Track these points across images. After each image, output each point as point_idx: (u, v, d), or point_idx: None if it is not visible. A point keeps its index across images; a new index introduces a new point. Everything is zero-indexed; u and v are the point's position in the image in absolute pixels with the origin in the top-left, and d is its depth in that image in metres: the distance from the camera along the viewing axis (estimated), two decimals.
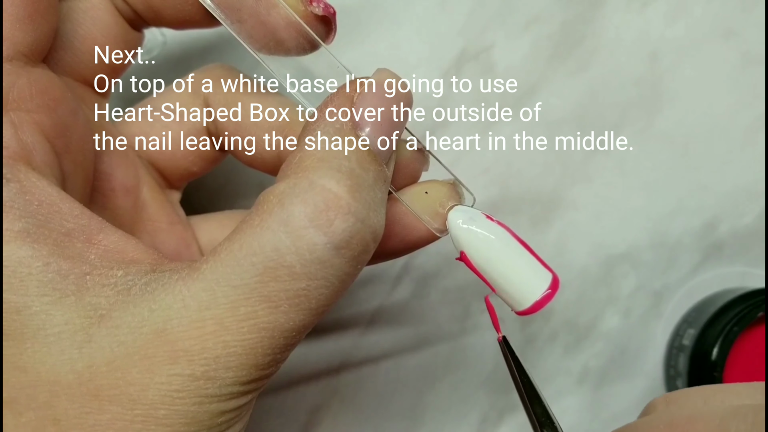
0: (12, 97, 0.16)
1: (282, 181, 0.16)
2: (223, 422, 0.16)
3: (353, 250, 0.15)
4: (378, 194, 0.16)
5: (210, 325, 0.15)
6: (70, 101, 0.18)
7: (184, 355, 0.15)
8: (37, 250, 0.15)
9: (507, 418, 0.29)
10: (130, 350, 0.15)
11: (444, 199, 0.19)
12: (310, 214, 0.15)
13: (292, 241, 0.15)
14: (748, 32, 0.29)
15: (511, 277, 0.19)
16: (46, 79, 0.17)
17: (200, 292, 0.15)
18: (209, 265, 0.15)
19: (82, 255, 0.16)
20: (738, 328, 0.25)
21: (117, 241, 0.16)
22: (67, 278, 0.15)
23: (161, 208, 0.22)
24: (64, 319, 0.15)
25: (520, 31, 0.29)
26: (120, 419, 0.14)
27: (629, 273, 0.29)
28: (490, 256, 0.19)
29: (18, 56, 0.16)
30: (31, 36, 0.16)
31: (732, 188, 0.29)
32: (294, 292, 0.15)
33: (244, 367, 0.15)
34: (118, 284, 0.15)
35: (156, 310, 0.15)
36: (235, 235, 0.15)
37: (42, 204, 0.16)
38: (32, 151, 0.16)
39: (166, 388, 0.14)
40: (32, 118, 0.16)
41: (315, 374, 0.29)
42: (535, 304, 0.19)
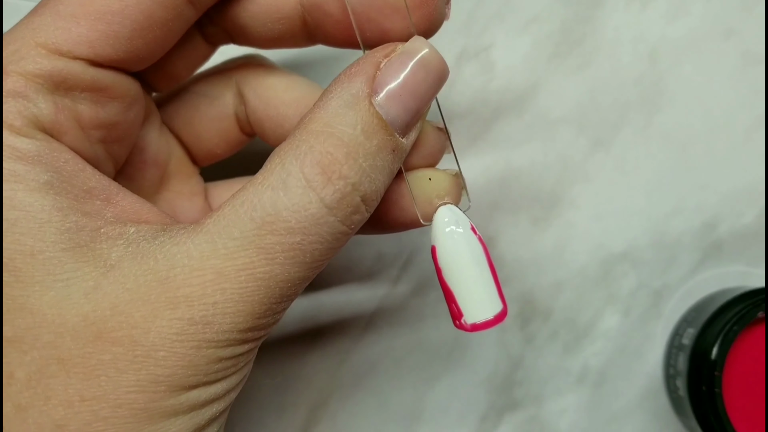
0: (64, 86, 0.17)
1: (288, 141, 0.17)
2: (220, 369, 0.16)
3: (344, 211, 0.16)
4: (379, 162, 0.17)
5: (210, 274, 0.15)
6: (127, 101, 0.19)
7: (184, 301, 0.15)
8: (59, 201, 0.16)
9: (506, 418, 0.29)
10: (134, 296, 0.15)
11: (443, 191, 0.19)
12: (307, 175, 0.16)
13: (289, 198, 0.16)
14: (749, 32, 0.29)
15: (465, 292, 0.19)
16: (109, 80, 0.18)
17: (202, 243, 0.16)
18: (213, 219, 0.16)
19: (100, 212, 0.17)
20: (738, 327, 0.25)
21: (134, 203, 0.17)
22: (82, 230, 0.16)
23: (185, 181, 0.23)
24: (75, 267, 0.15)
25: (520, 31, 0.29)
26: (121, 359, 0.15)
27: (629, 272, 0.29)
28: (457, 264, 0.19)
29: (84, 57, 0.17)
30: (109, 47, 0.17)
31: (732, 188, 0.29)
32: (289, 245, 0.16)
33: (240, 314, 0.16)
34: (130, 239, 0.16)
35: (161, 260, 0.16)
36: (239, 193, 0.16)
37: (68, 162, 0.17)
38: (65, 132, 0.17)
39: (167, 331, 0.15)
40: (75, 106, 0.17)
41: (314, 373, 0.29)
42: (473, 326, 0.19)
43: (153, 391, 0.15)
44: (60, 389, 0.15)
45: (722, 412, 0.24)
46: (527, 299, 0.29)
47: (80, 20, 0.17)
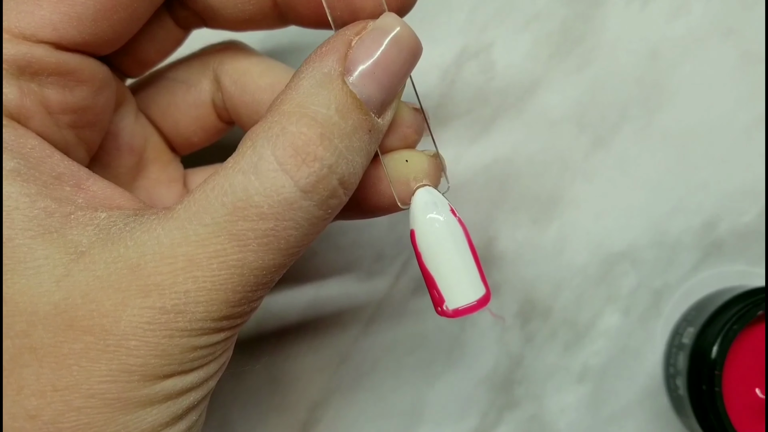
0: (29, 70, 0.16)
1: (260, 123, 0.16)
2: (195, 358, 0.16)
3: (320, 195, 0.16)
4: (355, 143, 0.16)
5: (181, 261, 0.15)
6: (96, 86, 0.18)
7: (155, 289, 0.15)
8: (26, 188, 0.16)
9: (506, 417, 0.29)
10: (104, 284, 0.15)
11: (420, 174, 0.19)
12: (280, 157, 0.15)
13: (260, 182, 0.15)
14: (749, 31, 0.29)
15: (446, 277, 0.18)
16: (76, 64, 0.17)
17: (173, 230, 0.15)
18: (183, 205, 0.16)
19: (70, 197, 0.16)
20: (738, 326, 0.25)
21: (105, 188, 0.17)
22: (52, 216, 0.16)
23: (163, 169, 0.22)
24: (45, 254, 0.15)
25: (521, 30, 0.29)
26: (93, 348, 0.15)
27: (629, 271, 0.29)
28: (436, 248, 0.18)
29: (48, 40, 0.17)
30: (73, 29, 0.17)
31: (732, 187, 0.29)
32: (262, 232, 0.15)
33: (214, 303, 0.15)
34: (101, 225, 0.16)
35: (131, 246, 0.15)
36: (211, 177, 0.16)
37: (35, 148, 0.16)
38: (31, 117, 0.17)
39: (138, 320, 0.15)
40: (41, 91, 0.17)
41: (315, 371, 0.29)
42: (455, 311, 0.18)
43: (126, 381, 0.15)
44: (32, 379, 0.15)
45: (722, 412, 0.24)
46: (527, 298, 0.29)
47: (42, 3, 0.16)
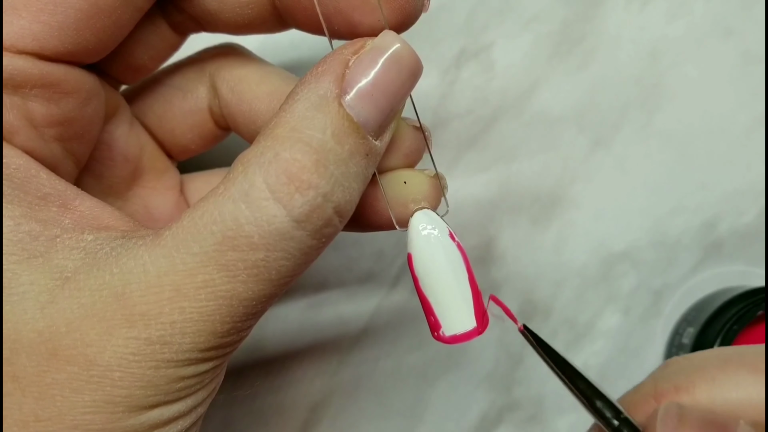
0: (11, 83, 0.16)
1: (252, 148, 0.15)
2: (183, 388, 0.15)
3: (314, 224, 0.15)
4: (352, 169, 0.15)
5: (167, 291, 0.15)
6: (83, 96, 0.18)
7: (140, 319, 0.15)
8: (10, 210, 0.15)
9: (506, 417, 0.29)
10: (89, 312, 0.15)
11: (419, 196, 0.18)
12: (272, 185, 0.14)
13: (251, 211, 0.14)
14: (748, 31, 0.29)
15: (443, 303, 0.18)
16: (61, 74, 0.17)
17: (160, 258, 0.15)
18: (171, 231, 0.15)
19: (56, 219, 0.16)
20: (738, 326, 0.25)
21: (93, 207, 0.16)
22: (37, 239, 0.15)
23: (159, 177, 0.22)
24: (30, 280, 0.15)
25: (520, 30, 0.29)
26: (76, 379, 0.14)
27: (629, 271, 0.29)
28: (434, 274, 0.18)
29: (30, 51, 0.16)
30: (55, 38, 0.16)
31: (732, 187, 0.29)
32: (252, 263, 0.15)
33: (201, 334, 0.15)
34: (87, 248, 0.15)
35: (117, 273, 0.15)
36: (200, 203, 0.15)
37: (19, 168, 0.16)
38: (15, 132, 0.16)
39: (122, 350, 0.14)
40: (25, 104, 0.16)
41: (315, 372, 0.29)
42: (452, 337, 0.18)
43: (110, 412, 0.15)
44: (15, 408, 0.14)
45: None
46: (527, 298, 0.29)
47: (21, 12, 0.16)
